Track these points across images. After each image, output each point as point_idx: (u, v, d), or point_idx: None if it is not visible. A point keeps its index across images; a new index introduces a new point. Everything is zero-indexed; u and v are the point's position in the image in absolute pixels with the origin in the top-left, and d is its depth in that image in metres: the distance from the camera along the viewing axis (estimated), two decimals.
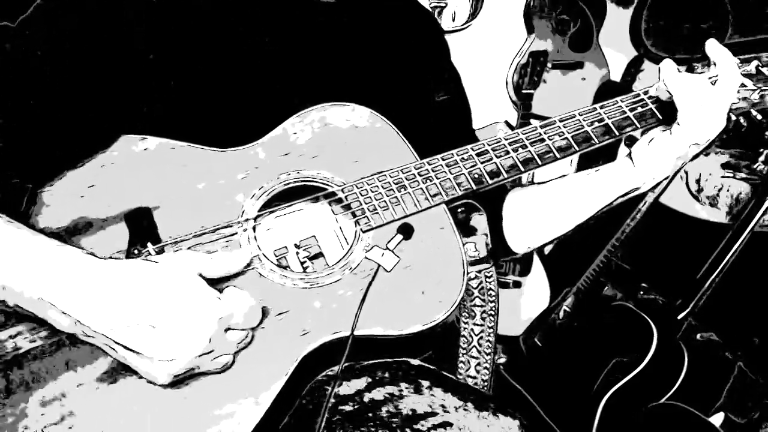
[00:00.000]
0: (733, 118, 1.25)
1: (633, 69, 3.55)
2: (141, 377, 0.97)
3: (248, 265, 1.07)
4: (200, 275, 0.99)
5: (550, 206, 1.43)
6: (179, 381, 0.97)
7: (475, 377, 1.45)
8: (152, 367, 0.93)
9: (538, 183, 1.49)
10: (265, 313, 1.04)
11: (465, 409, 1.08)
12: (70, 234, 1.05)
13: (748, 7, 3.01)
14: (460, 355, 1.46)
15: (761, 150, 2.77)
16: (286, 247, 1.20)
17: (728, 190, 2.98)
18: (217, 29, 1.22)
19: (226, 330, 0.98)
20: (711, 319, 2.84)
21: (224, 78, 1.22)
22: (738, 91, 1.24)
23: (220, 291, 1.00)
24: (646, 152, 1.28)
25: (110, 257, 1.03)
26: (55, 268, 0.93)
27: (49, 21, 1.08)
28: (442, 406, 1.07)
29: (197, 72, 1.19)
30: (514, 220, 1.45)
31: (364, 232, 1.14)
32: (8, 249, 0.93)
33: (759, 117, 1.26)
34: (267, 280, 1.08)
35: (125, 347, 0.92)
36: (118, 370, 0.97)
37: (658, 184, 1.32)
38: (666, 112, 1.27)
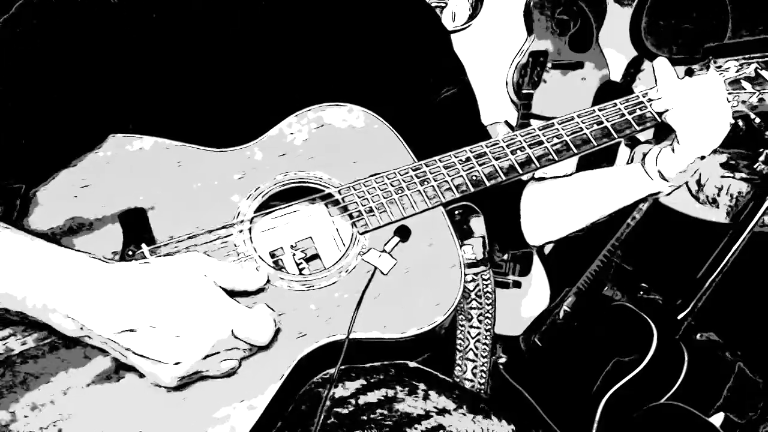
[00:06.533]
0: (731, 121, 1.24)
1: (633, 69, 3.55)
2: (135, 380, 0.96)
3: (262, 289, 1.05)
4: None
5: (570, 200, 1.42)
6: (185, 384, 0.97)
7: (471, 380, 1.45)
8: (158, 370, 0.92)
9: (556, 177, 1.48)
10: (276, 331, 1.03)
11: (460, 413, 1.07)
12: (63, 234, 1.04)
13: (748, 7, 3.00)
14: (457, 357, 1.46)
15: (761, 150, 2.76)
16: (281, 248, 1.20)
17: (728, 190, 2.98)
18: (212, 26, 1.21)
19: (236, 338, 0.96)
20: (711, 319, 2.84)
21: (220, 76, 1.21)
22: (738, 95, 1.24)
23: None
24: (656, 169, 1.28)
25: (109, 259, 1.02)
26: (58, 272, 0.92)
27: (34, 20, 1.07)
28: (437, 409, 1.07)
29: (192, 70, 1.18)
30: (533, 212, 1.44)
31: (360, 234, 1.14)
32: (8, 255, 0.92)
33: (757, 120, 1.25)
34: None
35: (131, 351, 0.91)
36: (112, 373, 0.97)
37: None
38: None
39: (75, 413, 0.94)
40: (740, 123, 1.26)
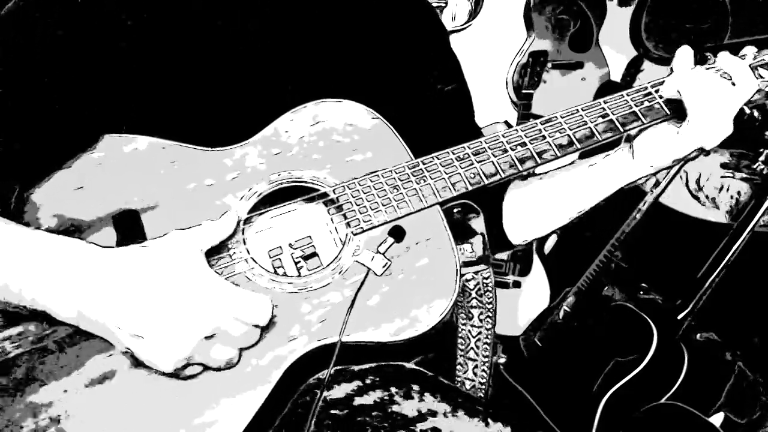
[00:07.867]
0: (747, 111, 1.20)
1: (633, 69, 3.54)
2: (129, 380, 0.96)
3: (237, 225, 1.08)
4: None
5: (548, 197, 1.40)
6: (183, 379, 0.97)
7: (473, 379, 1.44)
8: (155, 353, 0.92)
9: (537, 174, 1.45)
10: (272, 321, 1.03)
11: (455, 415, 1.06)
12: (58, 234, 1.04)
13: (747, 7, 3.00)
14: (458, 357, 1.45)
15: (761, 150, 2.76)
16: (280, 247, 1.19)
17: (728, 190, 2.97)
18: (206, 23, 1.20)
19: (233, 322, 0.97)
20: (711, 319, 2.84)
21: (216, 75, 1.20)
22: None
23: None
24: (648, 148, 1.24)
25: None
26: (55, 259, 0.92)
27: (28, 19, 1.07)
28: (432, 411, 1.06)
29: (187, 69, 1.18)
30: (514, 211, 1.43)
31: (355, 234, 1.13)
32: (6, 246, 0.93)
33: None
34: (255, 284, 1.07)
35: (129, 334, 0.91)
36: (106, 373, 0.97)
37: (657, 182, 1.29)
38: (674, 107, 1.21)
39: (70, 415, 0.94)
40: (756, 113, 1.22)
